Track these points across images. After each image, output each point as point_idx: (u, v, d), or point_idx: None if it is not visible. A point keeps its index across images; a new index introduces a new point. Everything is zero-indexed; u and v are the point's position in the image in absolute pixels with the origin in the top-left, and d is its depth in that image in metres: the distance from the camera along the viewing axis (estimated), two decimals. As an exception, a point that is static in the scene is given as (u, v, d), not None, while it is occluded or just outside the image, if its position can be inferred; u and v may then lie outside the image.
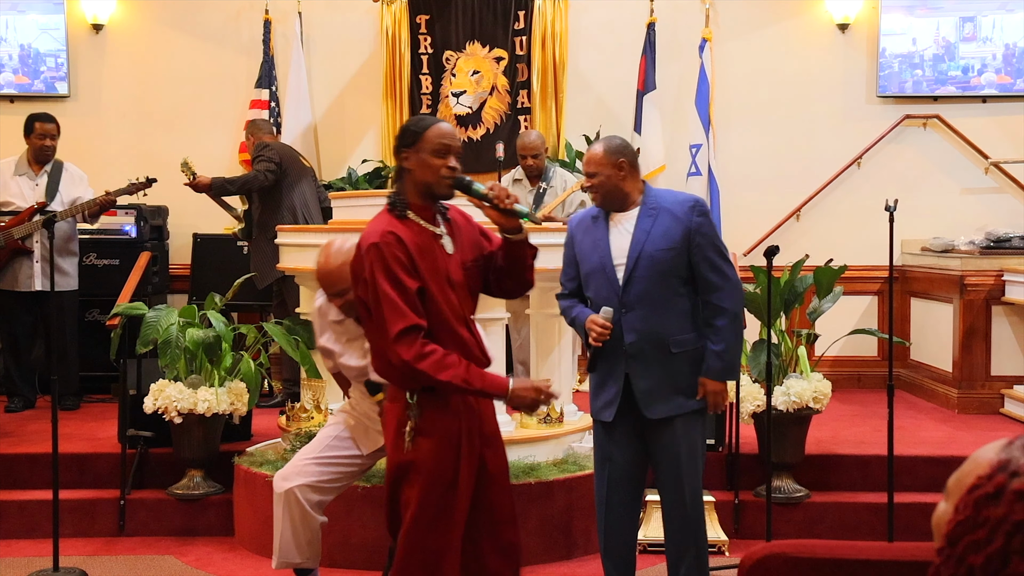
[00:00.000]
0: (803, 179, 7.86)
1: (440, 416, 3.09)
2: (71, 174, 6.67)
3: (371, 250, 3.02)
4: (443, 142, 3.12)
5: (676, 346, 3.66)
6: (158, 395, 5.12)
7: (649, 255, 3.63)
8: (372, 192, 6.96)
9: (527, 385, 3.13)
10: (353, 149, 8.12)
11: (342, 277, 3.57)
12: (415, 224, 3.11)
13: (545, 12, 7.82)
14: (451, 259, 3.14)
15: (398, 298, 2.98)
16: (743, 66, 7.91)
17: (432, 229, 3.14)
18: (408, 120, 3.25)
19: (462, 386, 3.01)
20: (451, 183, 3.13)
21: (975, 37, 7.84)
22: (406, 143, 3.14)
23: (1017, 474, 1.11)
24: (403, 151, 3.15)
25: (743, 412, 5.15)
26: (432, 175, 3.11)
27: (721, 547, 4.96)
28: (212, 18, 8.12)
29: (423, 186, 3.13)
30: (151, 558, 4.96)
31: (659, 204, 3.71)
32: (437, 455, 3.07)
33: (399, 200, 3.13)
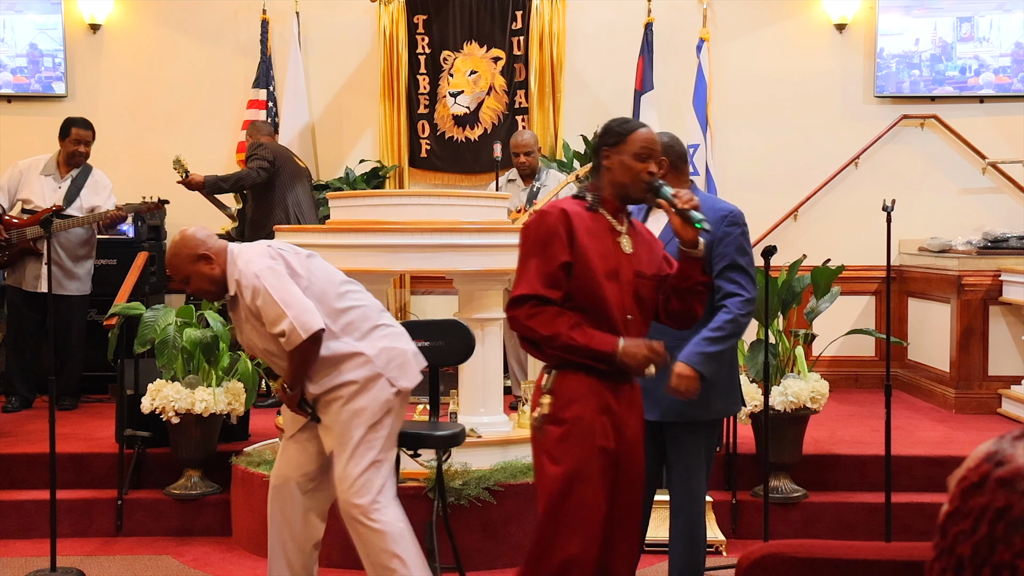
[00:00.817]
0: (800, 179, 7.86)
1: (571, 405, 3.03)
2: (96, 181, 6.70)
3: (536, 218, 3.06)
4: (647, 147, 3.12)
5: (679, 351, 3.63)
6: (156, 395, 5.12)
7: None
8: (370, 192, 6.96)
9: (639, 342, 3.02)
10: (351, 149, 8.11)
11: (176, 267, 3.73)
12: (600, 215, 3.12)
13: (543, 12, 7.82)
14: (625, 258, 3.11)
15: (535, 266, 3.00)
16: (740, 66, 7.92)
17: (615, 224, 3.14)
18: (612, 120, 3.24)
19: (567, 342, 2.96)
20: (647, 187, 3.12)
21: (972, 37, 7.85)
22: (608, 142, 3.15)
23: (1001, 463, 1.11)
24: (604, 149, 3.16)
25: (741, 412, 5.14)
26: (631, 177, 3.11)
27: (719, 547, 4.96)
28: (209, 18, 8.12)
29: (619, 187, 3.13)
30: (149, 558, 4.95)
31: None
32: (566, 445, 3.01)
33: (593, 195, 3.14)
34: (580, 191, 3.17)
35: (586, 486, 3.00)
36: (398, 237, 4.87)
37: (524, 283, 3.00)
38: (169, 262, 3.78)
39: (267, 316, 3.64)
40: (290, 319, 3.58)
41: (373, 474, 3.70)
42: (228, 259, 3.74)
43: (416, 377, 3.83)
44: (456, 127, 8.00)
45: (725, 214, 3.62)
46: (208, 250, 3.73)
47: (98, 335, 6.43)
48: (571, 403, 3.02)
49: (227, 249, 3.77)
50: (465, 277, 5.00)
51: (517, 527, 4.81)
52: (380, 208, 5.18)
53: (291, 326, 3.58)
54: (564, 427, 3.01)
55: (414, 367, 3.84)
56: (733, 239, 3.59)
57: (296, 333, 3.58)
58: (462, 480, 4.74)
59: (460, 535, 4.74)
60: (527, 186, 6.67)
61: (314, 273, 3.78)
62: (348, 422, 3.71)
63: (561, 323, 2.97)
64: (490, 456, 4.91)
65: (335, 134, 8.12)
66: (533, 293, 2.98)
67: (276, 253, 3.74)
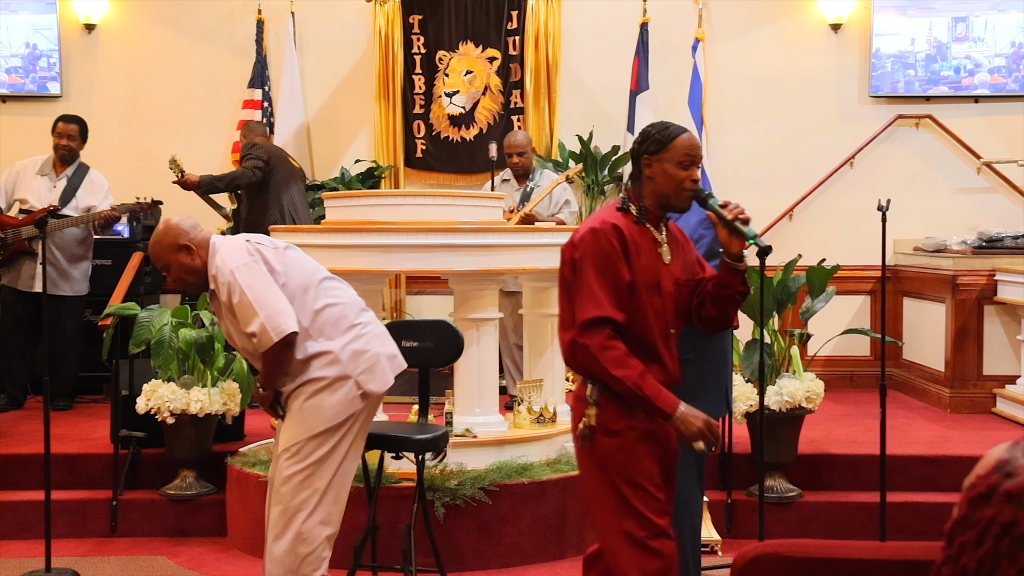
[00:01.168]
0: (796, 179, 7.87)
1: (623, 415, 2.98)
2: (92, 181, 6.69)
3: (587, 235, 2.98)
4: (689, 153, 3.06)
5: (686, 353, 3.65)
6: (151, 395, 5.11)
7: None
8: (365, 192, 6.96)
9: (697, 414, 2.94)
10: (346, 149, 8.11)
11: (157, 255, 3.72)
12: (643, 227, 3.06)
13: (538, 12, 7.82)
14: (666, 268, 3.06)
15: (599, 286, 2.92)
16: (736, 66, 7.92)
17: (656, 235, 3.08)
18: (652, 125, 3.18)
19: (632, 388, 2.89)
20: (691, 195, 3.07)
21: (967, 37, 7.86)
22: (649, 150, 3.08)
23: (1011, 475, 1.09)
24: (645, 157, 3.09)
25: (736, 412, 5.15)
26: (673, 186, 3.05)
27: (714, 547, 4.97)
28: (205, 18, 8.11)
29: (661, 196, 3.07)
30: (143, 559, 4.95)
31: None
32: (623, 455, 2.96)
33: (637, 205, 3.07)
34: (623, 202, 3.10)
35: (645, 491, 2.95)
36: (393, 237, 4.87)
37: (591, 304, 2.91)
38: (151, 249, 3.76)
39: (240, 315, 3.59)
40: (262, 320, 3.52)
41: (318, 475, 3.61)
42: (210, 252, 3.71)
43: (387, 381, 3.71)
44: (452, 127, 8.00)
45: (703, 218, 3.68)
46: (190, 241, 3.70)
47: (93, 335, 6.42)
48: (621, 414, 2.97)
49: (209, 242, 3.73)
50: (460, 277, 5.00)
51: (512, 527, 4.81)
52: (375, 208, 5.18)
53: (262, 327, 3.52)
54: (618, 438, 2.96)
55: (386, 371, 3.72)
56: (706, 243, 3.67)
57: (267, 335, 3.52)
58: (457, 480, 4.74)
59: (455, 535, 4.75)
60: (521, 186, 6.68)
61: (291, 268, 3.71)
62: (306, 416, 3.63)
63: (632, 367, 2.90)
64: (485, 456, 4.91)
65: (330, 134, 8.11)
66: (605, 316, 2.90)
67: (254, 248, 3.68)
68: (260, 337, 3.54)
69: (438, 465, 4.77)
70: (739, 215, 3.02)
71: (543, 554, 4.86)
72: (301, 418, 3.65)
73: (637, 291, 2.97)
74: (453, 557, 4.75)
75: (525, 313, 5.45)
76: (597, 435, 2.98)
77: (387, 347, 3.79)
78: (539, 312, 5.33)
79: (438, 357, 4.32)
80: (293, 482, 3.62)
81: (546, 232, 5.33)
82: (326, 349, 3.65)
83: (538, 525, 4.86)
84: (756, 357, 4.89)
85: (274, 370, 3.64)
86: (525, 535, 4.83)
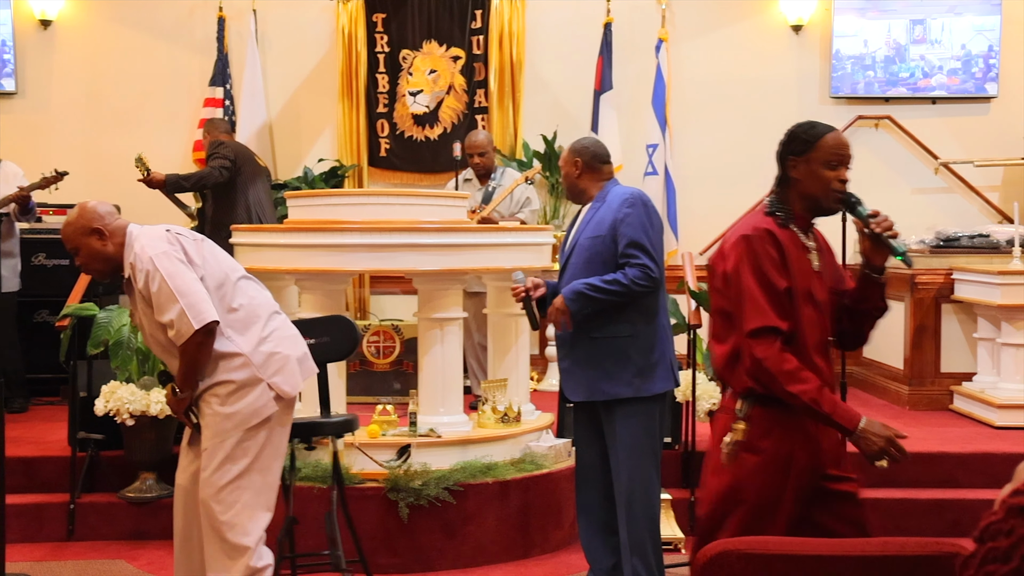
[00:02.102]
0: (758, 178, 7.85)
1: (770, 435, 2.84)
2: (5, 172, 6.56)
3: (739, 242, 2.85)
4: (838, 152, 2.95)
5: (597, 331, 3.80)
6: (110, 397, 5.05)
7: (580, 244, 3.88)
8: (328, 192, 6.93)
9: (880, 430, 2.80)
10: (309, 148, 8.06)
11: (67, 237, 3.62)
12: (792, 232, 2.92)
13: (502, 12, 7.82)
14: (817, 276, 2.94)
15: (760, 294, 2.79)
16: (699, 67, 7.96)
17: (805, 241, 2.95)
18: (798, 125, 3.06)
19: (809, 404, 2.75)
20: (839, 198, 2.94)
21: (925, 39, 7.95)
22: (795, 150, 2.97)
23: None
24: (790, 158, 2.97)
25: (699, 410, 5.17)
26: (821, 188, 2.93)
27: (677, 544, 4.98)
28: (165, 15, 8.04)
29: (809, 199, 2.94)
30: (102, 563, 4.89)
31: (605, 198, 3.92)
32: (761, 476, 2.83)
33: (783, 209, 2.94)
34: (771, 206, 2.96)
35: (772, 522, 2.82)
36: (357, 236, 4.85)
37: (756, 314, 2.78)
38: (63, 230, 3.65)
39: (157, 303, 3.46)
40: (181, 307, 3.41)
41: (244, 482, 3.52)
42: (125, 240, 3.60)
43: (298, 384, 3.63)
44: (415, 126, 7.98)
45: (626, 196, 3.85)
46: (104, 226, 3.60)
47: (50, 337, 6.33)
48: (769, 433, 2.85)
49: (126, 229, 3.62)
50: (425, 277, 4.99)
51: (477, 527, 4.80)
52: (339, 208, 5.16)
53: (182, 315, 3.40)
54: (761, 456, 2.84)
55: (296, 373, 3.63)
56: (633, 218, 3.79)
57: (187, 323, 3.40)
58: (421, 480, 4.73)
59: (420, 535, 4.74)
60: (483, 186, 6.67)
61: (209, 262, 3.60)
62: (221, 425, 3.52)
63: (808, 380, 2.76)
64: (449, 456, 4.90)
65: (293, 133, 8.06)
66: (772, 325, 2.77)
67: (173, 238, 3.57)
68: (179, 326, 3.42)
69: (402, 465, 4.76)
70: (886, 229, 2.91)
71: (508, 554, 4.86)
72: (214, 423, 3.54)
73: (793, 300, 2.85)
74: (417, 557, 4.74)
75: (489, 313, 5.45)
76: (740, 451, 2.86)
77: (298, 349, 3.69)
78: (503, 312, 5.32)
79: (334, 352, 4.28)
80: (222, 492, 3.51)
81: (510, 232, 5.33)
82: (236, 351, 3.54)
83: (503, 525, 4.86)
84: (718, 356, 4.91)
85: (193, 366, 3.51)
86: (490, 535, 4.83)
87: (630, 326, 3.80)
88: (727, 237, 2.94)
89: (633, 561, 3.82)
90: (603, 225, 3.84)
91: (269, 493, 3.60)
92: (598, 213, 3.89)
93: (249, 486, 3.53)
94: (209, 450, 3.54)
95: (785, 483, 2.84)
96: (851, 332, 3.07)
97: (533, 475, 4.95)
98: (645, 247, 3.76)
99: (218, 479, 3.51)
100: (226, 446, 3.51)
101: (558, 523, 5.03)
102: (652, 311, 3.84)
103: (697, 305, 5.36)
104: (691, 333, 5.31)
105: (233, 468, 3.51)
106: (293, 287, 5.48)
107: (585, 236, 3.88)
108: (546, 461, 5.06)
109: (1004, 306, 6.17)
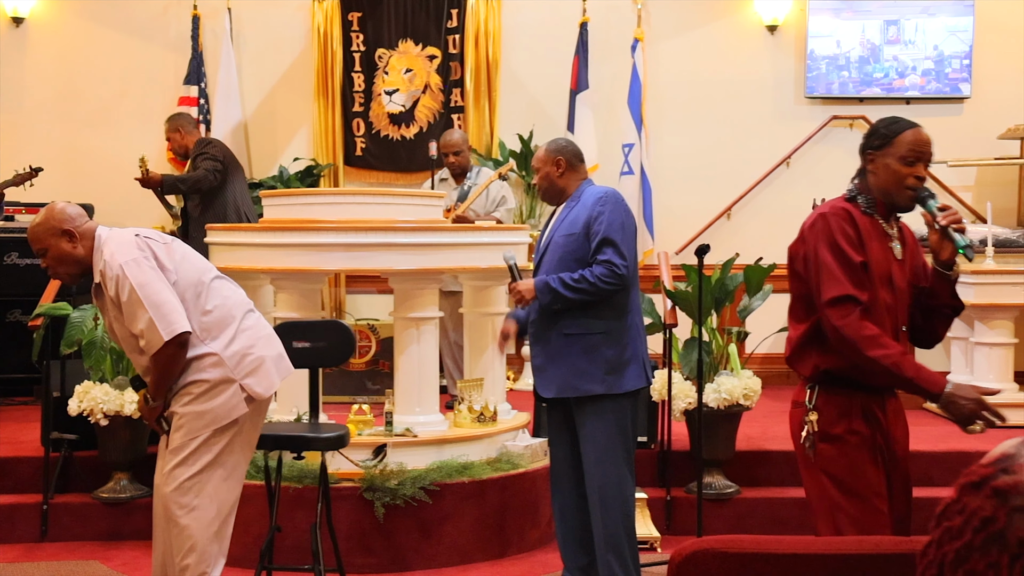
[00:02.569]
0: (734, 178, 7.95)
1: (843, 420, 2.88)
2: None
3: (817, 221, 2.89)
4: (915, 149, 2.96)
5: (569, 328, 3.82)
6: (83, 397, 5.02)
7: (554, 241, 3.91)
8: (304, 191, 6.90)
9: (968, 393, 2.76)
10: (284, 147, 8.03)
11: (35, 237, 3.53)
12: (873, 219, 2.96)
13: (478, 11, 7.81)
14: (898, 264, 2.96)
15: (836, 266, 2.83)
16: (675, 66, 7.98)
17: (887, 228, 2.99)
18: (880, 120, 3.07)
19: (891, 367, 2.75)
20: (914, 195, 2.95)
21: (899, 40, 8.00)
22: (873, 145, 2.99)
23: (1007, 471, 1.09)
24: (869, 152, 2.99)
25: (675, 409, 5.19)
26: (895, 182, 2.94)
27: (653, 543, 5.00)
28: (139, 13, 7.98)
29: (884, 193, 2.96)
30: (75, 564, 4.85)
31: (580, 197, 3.94)
32: (844, 461, 2.86)
33: (864, 197, 2.97)
34: (851, 193, 3.00)
35: (866, 503, 2.85)
36: (332, 236, 4.83)
37: (833, 284, 2.82)
38: (31, 230, 3.56)
39: (127, 313, 3.42)
40: (151, 317, 3.36)
41: (205, 478, 3.50)
42: (95, 244, 3.52)
43: (273, 384, 3.60)
44: (391, 125, 7.96)
45: (600, 195, 3.87)
46: (75, 228, 3.52)
47: (23, 336, 6.28)
48: (840, 418, 2.89)
49: (95, 233, 3.54)
50: (400, 276, 4.98)
51: (453, 526, 4.80)
52: (315, 207, 5.14)
53: (151, 326, 3.36)
54: (837, 444, 2.87)
55: (272, 374, 3.60)
56: (605, 216, 3.80)
57: (157, 335, 3.36)
58: (398, 480, 4.72)
59: (396, 535, 4.73)
60: (459, 184, 6.67)
61: (182, 266, 3.55)
62: (192, 424, 3.50)
63: (889, 346, 2.79)
64: (426, 456, 4.89)
65: (268, 132, 8.03)
66: (849, 294, 2.80)
67: (144, 243, 3.50)
68: (149, 337, 3.38)
69: (378, 465, 4.75)
70: (953, 222, 2.91)
71: (484, 553, 4.86)
72: (184, 422, 3.51)
73: (871, 280, 2.87)
74: (394, 558, 4.73)
75: (466, 312, 5.44)
76: (816, 441, 2.89)
77: (273, 349, 3.65)
78: (480, 311, 5.32)
79: (330, 357, 4.27)
80: (182, 488, 3.49)
81: (486, 231, 5.33)
82: (210, 351, 3.51)
83: (479, 524, 4.85)
84: (695, 355, 4.93)
85: (165, 376, 3.47)
86: (466, 534, 4.82)
87: (603, 323, 3.82)
88: (805, 222, 2.98)
89: (608, 558, 3.82)
90: (577, 223, 3.86)
91: (228, 495, 3.55)
92: (572, 212, 3.91)
93: (208, 481, 3.51)
94: (177, 447, 3.51)
95: (871, 465, 2.86)
96: (925, 329, 3.09)
97: (509, 474, 4.95)
98: (616, 245, 3.78)
99: (181, 473, 3.48)
100: (194, 444, 3.49)
101: (534, 522, 5.03)
102: (625, 309, 3.86)
103: (673, 304, 5.37)
104: (667, 332, 5.33)
105: (199, 462, 3.49)
106: (268, 286, 5.46)
107: (560, 234, 3.90)
108: (522, 460, 5.06)
109: (977, 305, 6.21)
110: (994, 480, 1.08)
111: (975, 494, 1.09)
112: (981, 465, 1.12)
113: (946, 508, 1.13)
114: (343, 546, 4.32)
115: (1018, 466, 1.08)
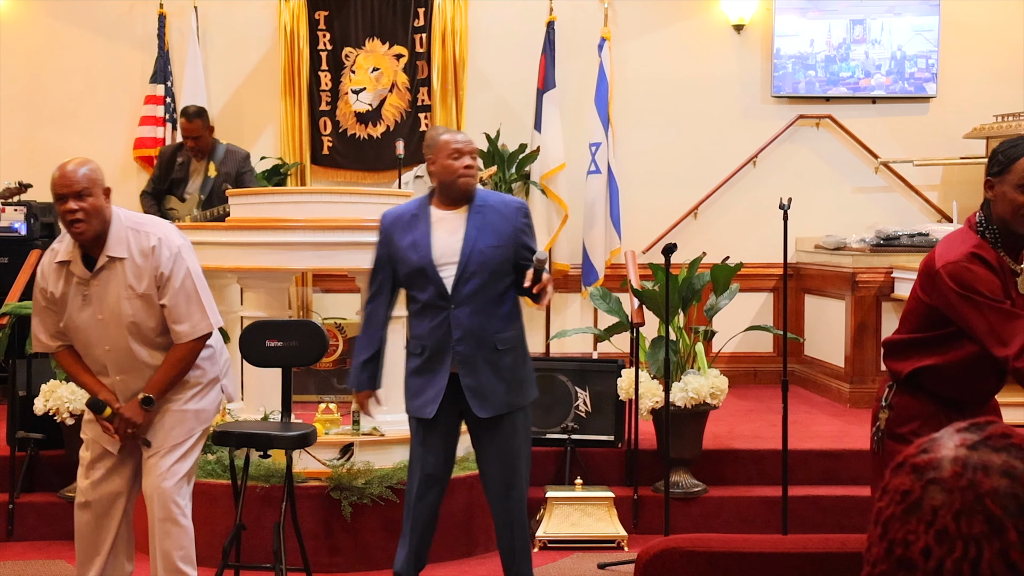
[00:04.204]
0: (700, 177, 7.98)
1: (911, 422, 2.90)
2: None
3: (963, 269, 2.78)
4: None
5: (502, 343, 3.72)
6: (49, 396, 4.99)
7: (480, 251, 3.67)
8: (271, 190, 6.86)
9: None
10: (251, 146, 7.94)
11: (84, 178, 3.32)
12: (999, 253, 2.86)
13: (445, 9, 7.81)
14: (1020, 299, 2.86)
15: (999, 318, 2.72)
16: (641, 65, 8.01)
17: (1011, 265, 2.87)
18: (1001, 143, 2.91)
19: None
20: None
21: (865, 39, 8.07)
22: (992, 171, 2.85)
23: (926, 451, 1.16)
24: (988, 178, 2.86)
25: (642, 408, 5.21)
26: (1011, 210, 2.80)
27: (620, 542, 5.02)
28: (105, 11, 7.91)
29: (1001, 221, 2.84)
30: (41, 563, 4.81)
31: (486, 203, 3.77)
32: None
33: (992, 231, 2.86)
34: (979, 226, 2.89)
35: None
36: (299, 235, 4.81)
37: (1009, 338, 2.70)
38: (72, 171, 3.31)
39: (172, 296, 3.34)
40: (204, 305, 3.34)
41: (191, 476, 3.60)
42: (113, 216, 3.39)
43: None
44: (358, 124, 7.94)
45: (519, 206, 3.82)
46: (108, 192, 3.41)
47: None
48: (910, 419, 2.90)
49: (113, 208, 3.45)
50: (366, 275, 4.95)
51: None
52: (281, 206, 5.11)
53: (201, 312, 3.33)
54: (901, 443, 2.86)
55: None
56: (532, 228, 3.79)
57: (205, 321, 3.36)
58: (364, 479, 4.71)
59: (363, 534, 4.72)
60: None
61: None
62: (188, 422, 3.54)
63: None
64: (393, 454, 4.88)
65: (235, 131, 7.97)
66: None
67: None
68: (196, 324, 3.35)
69: (345, 464, 4.74)
70: None
71: (451, 552, 4.86)
72: (180, 419, 3.53)
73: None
74: (360, 557, 4.72)
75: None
76: (884, 438, 2.91)
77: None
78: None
79: (302, 356, 4.27)
80: (181, 482, 3.54)
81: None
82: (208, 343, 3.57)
83: (446, 523, 4.84)
84: (661, 354, 4.95)
85: (181, 371, 3.47)
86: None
87: (520, 332, 3.80)
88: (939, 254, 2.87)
89: (525, 568, 3.82)
90: (502, 235, 3.68)
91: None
92: (487, 219, 3.70)
93: (193, 475, 3.62)
94: (168, 442, 3.51)
95: None
96: None
97: (475, 474, 4.93)
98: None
99: (180, 468, 3.52)
100: (190, 441, 3.54)
101: (503, 521, 5.03)
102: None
103: (640, 303, 5.39)
104: (634, 331, 5.35)
105: (190, 458, 3.55)
106: (235, 285, 5.43)
107: (486, 245, 3.67)
108: (491, 459, 5.05)
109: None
110: (914, 459, 1.16)
111: (899, 473, 1.17)
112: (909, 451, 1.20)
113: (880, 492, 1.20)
114: (310, 545, 4.31)
115: (937, 446, 1.16)
